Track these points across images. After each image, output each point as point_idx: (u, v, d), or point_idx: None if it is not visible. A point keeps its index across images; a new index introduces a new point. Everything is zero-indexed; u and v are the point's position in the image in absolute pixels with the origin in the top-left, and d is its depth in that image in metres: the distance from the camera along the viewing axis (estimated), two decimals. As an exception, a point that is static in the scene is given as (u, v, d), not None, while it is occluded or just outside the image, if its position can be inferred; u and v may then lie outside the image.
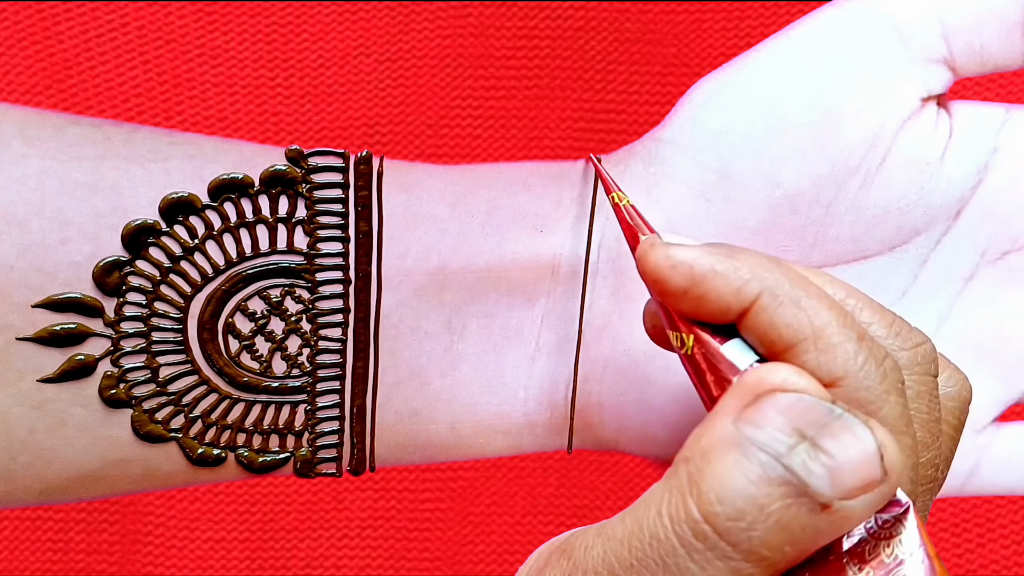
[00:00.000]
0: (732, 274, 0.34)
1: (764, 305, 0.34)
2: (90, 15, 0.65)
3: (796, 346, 0.33)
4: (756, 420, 0.32)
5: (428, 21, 0.66)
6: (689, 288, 0.34)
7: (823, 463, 0.31)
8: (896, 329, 0.35)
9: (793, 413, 0.32)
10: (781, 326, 0.34)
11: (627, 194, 0.39)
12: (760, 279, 0.34)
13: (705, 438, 0.32)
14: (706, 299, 0.34)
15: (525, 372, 0.42)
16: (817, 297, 0.34)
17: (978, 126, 0.42)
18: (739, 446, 0.31)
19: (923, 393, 0.35)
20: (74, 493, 0.40)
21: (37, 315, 0.38)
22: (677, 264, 0.34)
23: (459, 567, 0.70)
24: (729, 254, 0.34)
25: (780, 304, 0.34)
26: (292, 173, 0.40)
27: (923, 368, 0.35)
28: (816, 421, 0.32)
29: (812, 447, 0.31)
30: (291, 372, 0.41)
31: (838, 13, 0.41)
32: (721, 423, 0.32)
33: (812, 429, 0.31)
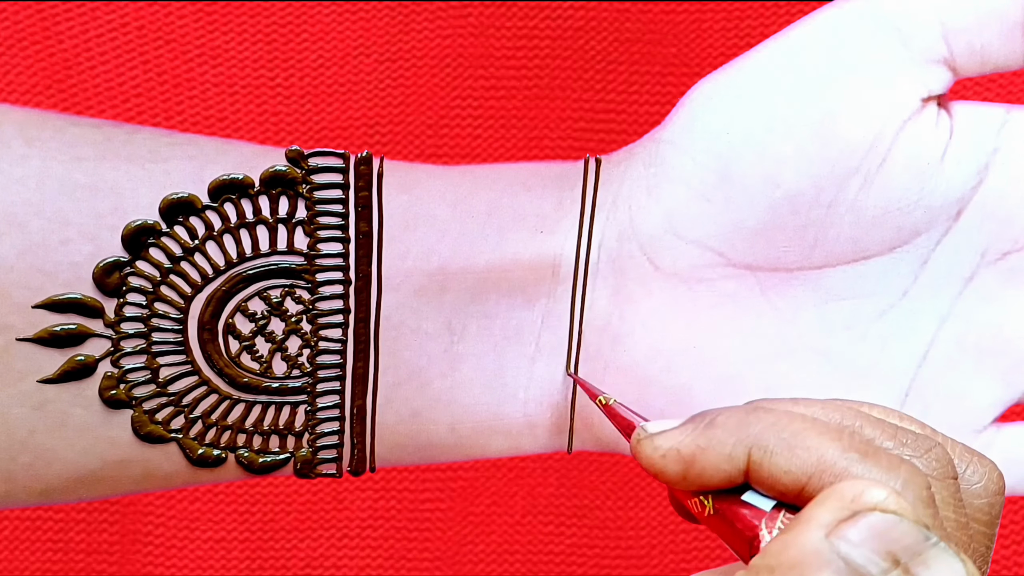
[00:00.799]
0: (718, 445, 0.34)
1: (758, 460, 0.33)
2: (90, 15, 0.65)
3: (804, 488, 0.33)
4: (851, 538, 0.31)
5: (428, 21, 0.66)
6: (685, 472, 0.34)
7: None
8: (901, 439, 0.35)
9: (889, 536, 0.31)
10: (781, 474, 0.33)
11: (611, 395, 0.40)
12: (744, 438, 0.34)
13: (795, 549, 0.31)
14: (704, 475, 0.34)
15: (525, 373, 0.42)
16: (805, 431, 0.33)
17: (978, 126, 0.42)
18: (831, 564, 0.30)
19: (947, 499, 0.34)
20: (74, 493, 0.40)
21: (37, 316, 0.38)
22: (665, 453, 0.34)
23: (459, 567, 0.70)
24: (709, 424, 0.34)
25: (772, 454, 0.33)
26: (292, 174, 0.40)
27: (940, 473, 0.34)
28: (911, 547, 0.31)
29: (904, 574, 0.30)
30: (291, 373, 0.41)
31: (838, 13, 0.41)
32: (812, 534, 0.31)
33: (906, 555, 0.31)
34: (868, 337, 0.42)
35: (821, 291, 0.42)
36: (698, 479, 0.34)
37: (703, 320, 0.42)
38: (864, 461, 0.33)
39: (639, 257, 0.41)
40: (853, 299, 0.42)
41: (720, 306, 0.42)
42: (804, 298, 0.42)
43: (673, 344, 0.42)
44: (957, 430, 0.43)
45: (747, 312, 0.42)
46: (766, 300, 0.42)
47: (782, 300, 0.42)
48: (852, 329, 0.42)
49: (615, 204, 0.41)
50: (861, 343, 0.42)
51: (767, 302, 0.42)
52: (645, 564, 0.70)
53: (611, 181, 0.42)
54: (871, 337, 0.42)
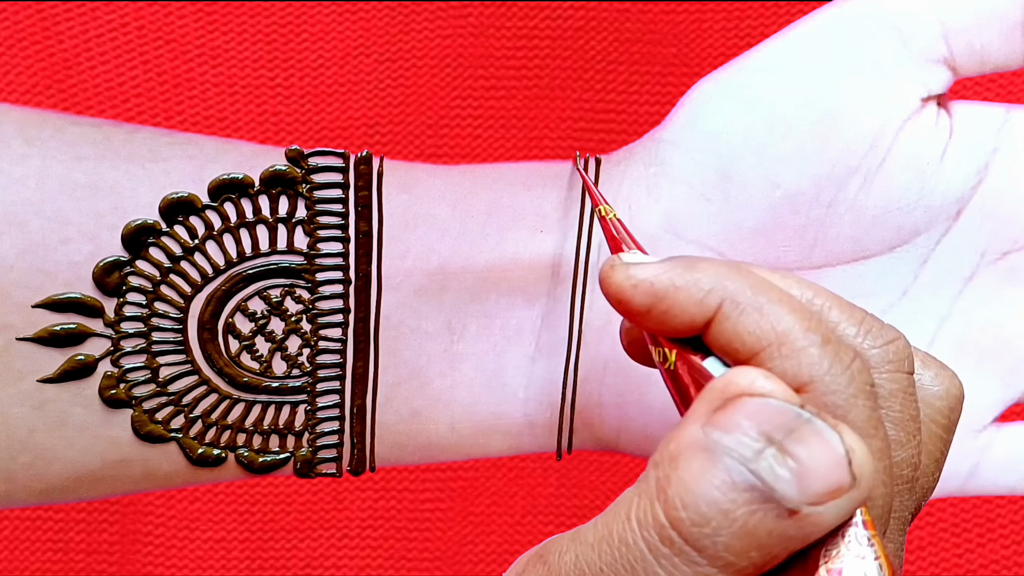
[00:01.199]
0: (693, 287, 0.34)
1: (727, 314, 0.33)
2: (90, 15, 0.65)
3: (760, 353, 0.33)
4: (724, 424, 0.31)
5: (428, 21, 0.66)
6: (652, 305, 0.34)
7: (790, 468, 0.31)
8: (866, 327, 0.35)
9: (761, 417, 0.31)
10: (744, 333, 0.33)
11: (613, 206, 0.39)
12: (721, 288, 0.34)
13: (674, 443, 0.32)
14: (670, 314, 0.34)
15: (525, 372, 0.42)
16: (779, 301, 0.33)
17: (978, 126, 0.42)
18: (706, 451, 0.31)
19: (896, 391, 0.35)
20: (74, 493, 0.40)
21: (37, 315, 0.38)
22: (638, 283, 0.34)
23: (459, 567, 0.70)
24: (689, 266, 0.34)
25: (742, 312, 0.33)
26: (292, 173, 0.40)
27: (895, 365, 0.35)
28: (784, 425, 0.31)
29: (779, 452, 0.31)
30: (291, 372, 0.41)
31: (838, 13, 0.41)
32: (690, 428, 0.32)
33: (780, 433, 0.31)
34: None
35: (821, 291, 0.42)
36: (662, 317, 0.34)
37: (703, 320, 0.42)
38: (822, 345, 0.33)
39: (639, 257, 0.41)
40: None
41: (720, 306, 0.42)
42: (804, 298, 0.42)
43: None
44: (957, 430, 0.43)
45: (747, 312, 0.42)
46: (766, 300, 0.42)
47: (782, 300, 0.42)
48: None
49: (615, 203, 0.41)
50: None
51: (767, 302, 0.42)
52: (645, 564, 0.70)
53: (611, 181, 0.42)
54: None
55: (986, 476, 0.43)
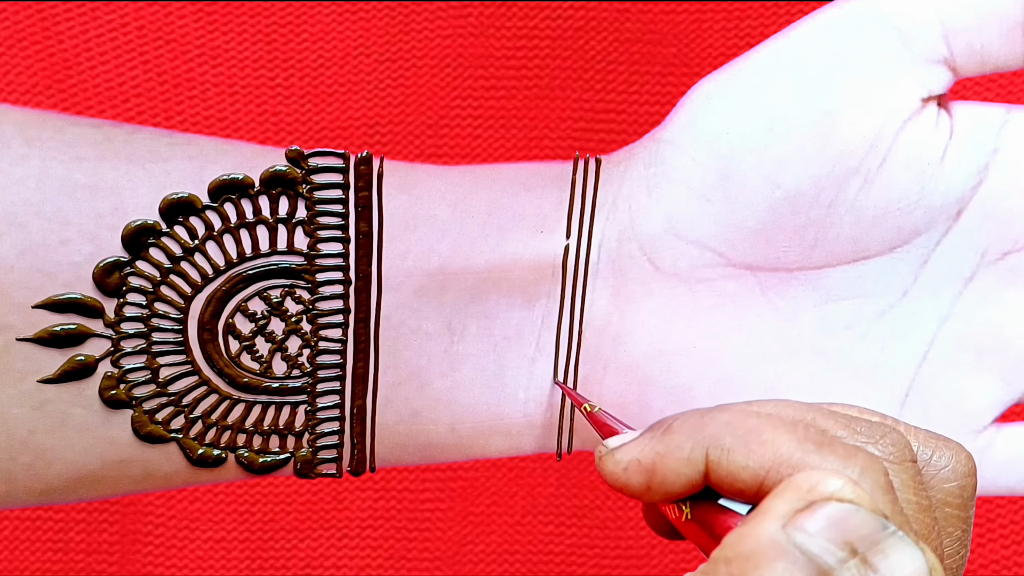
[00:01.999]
0: (676, 450, 0.34)
1: (717, 460, 0.33)
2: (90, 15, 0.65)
3: (763, 483, 0.33)
4: (807, 528, 0.30)
5: (428, 21, 0.66)
6: (648, 480, 0.34)
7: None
8: (855, 428, 0.35)
9: (846, 525, 0.31)
10: (740, 471, 0.33)
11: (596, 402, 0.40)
12: (701, 439, 0.34)
13: (751, 540, 0.31)
14: (667, 482, 0.34)
15: (525, 373, 0.42)
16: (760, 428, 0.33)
17: (978, 126, 0.42)
18: (787, 554, 0.30)
19: (906, 483, 0.34)
20: (74, 493, 0.40)
21: (37, 316, 0.38)
22: (627, 465, 0.35)
23: (459, 567, 0.70)
24: (665, 430, 0.34)
25: (729, 452, 0.33)
26: (292, 173, 0.40)
27: (897, 457, 0.34)
28: (868, 536, 0.30)
29: (862, 564, 0.30)
30: (291, 373, 0.41)
31: (838, 13, 0.41)
32: (769, 525, 0.31)
33: (863, 545, 0.30)
34: (868, 337, 0.42)
35: (821, 291, 0.42)
36: (661, 487, 0.34)
37: (703, 320, 0.42)
38: (820, 451, 0.33)
39: (639, 257, 0.41)
40: (853, 299, 0.42)
41: (720, 306, 0.42)
42: (804, 298, 0.42)
43: (673, 344, 0.42)
44: (957, 430, 0.43)
45: (747, 312, 0.42)
46: (766, 300, 0.42)
47: (782, 300, 0.42)
48: (852, 329, 0.42)
49: (615, 204, 0.41)
50: (861, 343, 0.42)
51: (767, 302, 0.42)
52: (645, 564, 0.70)
53: (611, 181, 0.42)
54: (871, 337, 0.42)
55: (986, 476, 0.43)
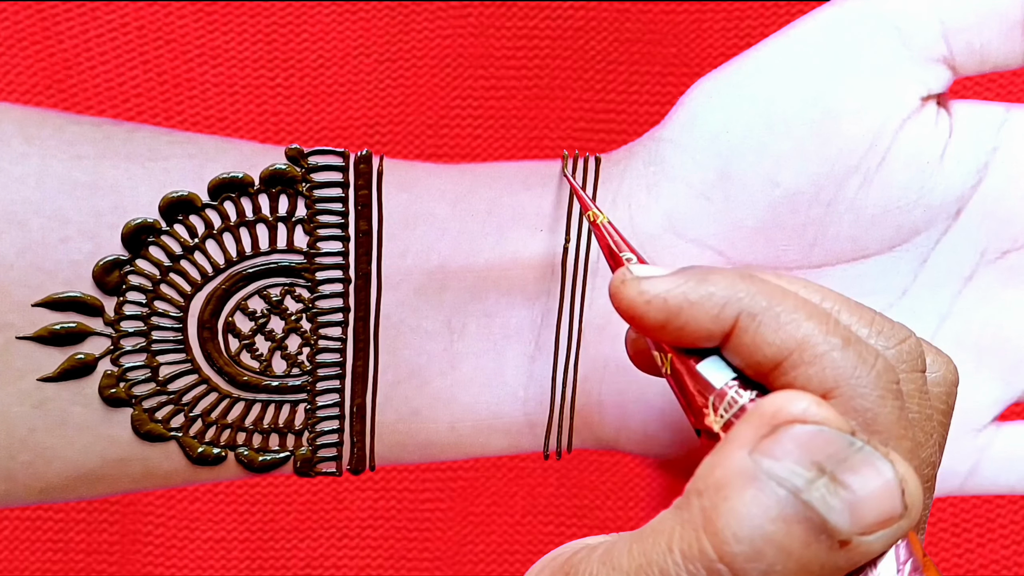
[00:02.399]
0: (707, 301, 0.33)
1: (744, 326, 0.33)
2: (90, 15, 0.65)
3: (783, 362, 0.32)
4: (774, 452, 0.30)
5: (428, 21, 0.66)
6: (667, 321, 0.33)
7: (842, 498, 0.30)
8: (878, 328, 0.34)
9: (812, 446, 0.30)
10: (764, 345, 0.33)
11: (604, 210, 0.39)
12: (736, 301, 0.33)
13: (719, 470, 0.31)
14: (686, 329, 0.33)
15: (525, 371, 0.42)
16: (796, 308, 0.33)
17: (978, 125, 0.42)
18: (756, 480, 0.30)
19: (913, 392, 0.34)
20: (74, 492, 0.40)
21: (37, 314, 0.38)
22: (651, 299, 0.33)
23: (459, 567, 0.70)
24: (702, 279, 0.33)
25: (760, 323, 0.33)
26: (292, 172, 0.40)
27: (910, 365, 0.34)
28: (836, 454, 0.30)
29: (831, 481, 0.30)
30: (291, 371, 0.41)
31: (838, 13, 0.41)
32: (736, 454, 0.31)
33: (831, 463, 0.30)
34: (868, 336, 0.42)
35: (821, 290, 0.42)
36: (678, 332, 0.33)
37: (703, 319, 0.42)
38: (844, 348, 0.32)
39: (639, 256, 0.41)
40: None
41: (720, 305, 0.42)
42: (804, 297, 0.42)
43: None
44: (957, 429, 0.43)
45: (747, 311, 0.42)
46: (766, 299, 0.42)
47: (782, 299, 0.42)
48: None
49: (615, 203, 0.41)
50: None
51: (767, 301, 0.42)
52: (645, 564, 0.70)
53: (611, 180, 0.42)
54: (871, 336, 0.42)
55: (986, 475, 0.43)
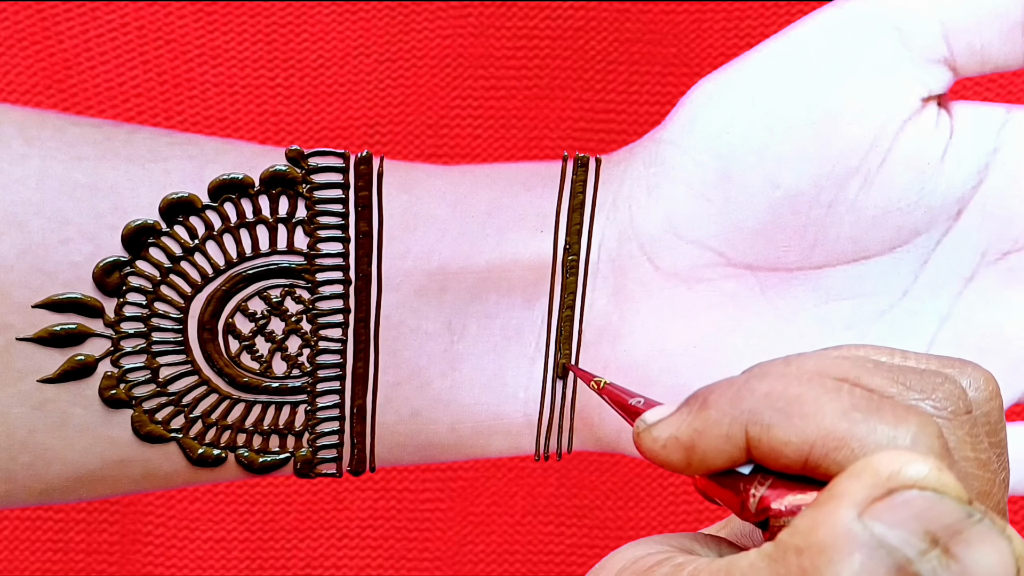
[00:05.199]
0: (714, 428, 0.32)
1: (757, 437, 0.31)
2: (90, 15, 0.65)
3: (808, 457, 0.31)
4: (887, 519, 0.28)
5: (428, 21, 0.66)
6: (688, 458, 0.32)
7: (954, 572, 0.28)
8: (906, 382, 0.32)
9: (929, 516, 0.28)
10: (782, 447, 0.31)
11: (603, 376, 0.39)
12: (739, 415, 0.31)
13: (824, 529, 0.29)
14: (708, 458, 0.32)
15: (525, 372, 0.42)
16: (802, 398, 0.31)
17: (979, 126, 0.42)
18: (865, 547, 0.28)
19: (963, 438, 0.32)
20: (74, 493, 0.40)
21: (37, 315, 0.38)
22: (665, 442, 0.33)
23: (459, 567, 0.70)
24: (702, 406, 0.32)
25: (770, 428, 0.31)
26: (292, 173, 0.40)
27: (953, 411, 0.32)
28: (952, 526, 0.28)
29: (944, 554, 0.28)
30: (291, 372, 0.40)
31: (838, 13, 0.41)
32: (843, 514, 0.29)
33: (946, 534, 0.28)
34: (868, 337, 0.42)
35: (821, 291, 0.42)
36: (702, 464, 0.32)
37: (703, 320, 0.42)
38: (868, 420, 0.30)
39: (639, 257, 0.41)
40: (853, 299, 0.42)
41: (720, 306, 0.42)
42: (804, 298, 0.42)
43: (673, 344, 0.42)
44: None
45: (747, 312, 0.42)
46: (766, 300, 0.42)
47: (782, 300, 0.42)
48: (852, 329, 0.42)
49: (615, 204, 0.41)
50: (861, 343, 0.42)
51: (767, 302, 0.42)
52: (645, 564, 0.70)
53: (611, 181, 0.42)
54: (871, 337, 0.42)
55: (986, 476, 0.43)
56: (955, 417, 0.32)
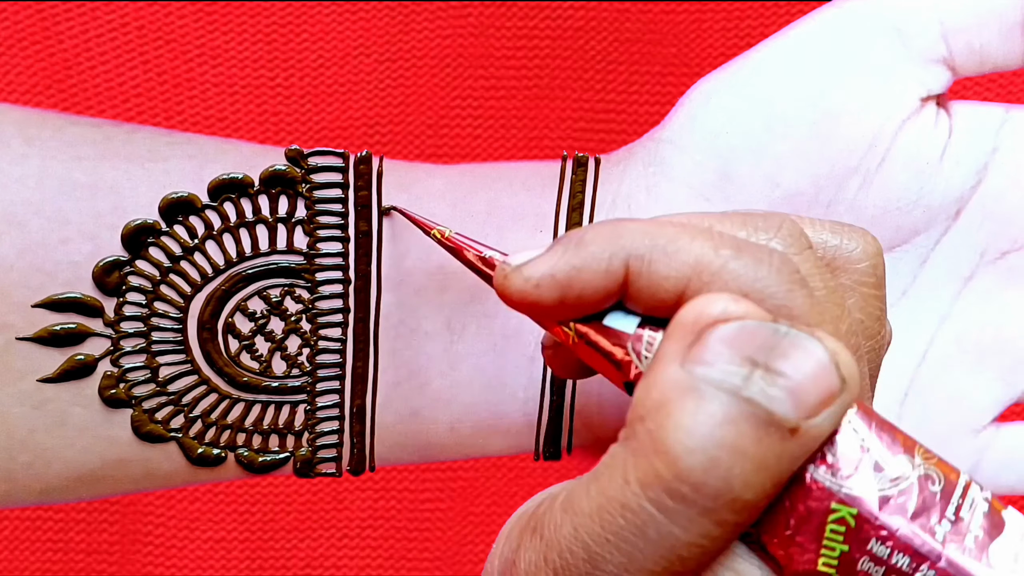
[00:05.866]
0: (593, 261, 0.32)
1: (636, 270, 0.32)
2: (90, 15, 0.65)
3: (684, 291, 0.32)
4: (704, 358, 0.30)
5: (428, 21, 0.66)
6: (562, 297, 0.33)
7: (781, 386, 0.29)
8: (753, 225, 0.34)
9: (740, 342, 0.30)
10: (661, 280, 0.32)
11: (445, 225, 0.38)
12: (620, 249, 0.32)
13: (655, 390, 0.30)
14: (583, 297, 0.33)
15: (525, 372, 0.42)
16: (678, 235, 0.32)
17: (978, 126, 0.42)
18: (694, 390, 0.29)
19: (810, 271, 0.33)
20: (74, 493, 0.40)
21: (37, 315, 0.38)
22: (538, 280, 0.33)
23: (459, 567, 0.70)
24: (578, 243, 0.33)
25: (650, 261, 0.32)
26: (292, 173, 0.40)
27: (796, 248, 0.33)
28: (764, 345, 0.30)
29: (766, 372, 0.29)
30: (291, 372, 0.41)
31: (838, 13, 0.41)
32: (669, 369, 0.30)
33: (762, 354, 0.30)
34: (868, 337, 0.42)
35: (820, 290, 0.42)
36: (576, 302, 0.33)
37: (703, 320, 0.42)
38: (738, 256, 0.32)
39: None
40: None
41: (720, 305, 0.42)
42: (804, 298, 0.42)
43: None
44: (957, 430, 0.43)
45: (747, 311, 0.42)
46: (766, 299, 0.42)
47: (782, 299, 0.42)
48: None
49: (614, 203, 0.41)
50: None
51: (767, 301, 0.42)
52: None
53: (610, 180, 0.42)
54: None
55: (986, 476, 0.43)
56: (800, 251, 0.33)
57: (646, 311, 0.33)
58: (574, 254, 0.33)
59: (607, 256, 0.32)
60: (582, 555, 0.30)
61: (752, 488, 0.29)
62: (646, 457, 0.29)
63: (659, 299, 0.32)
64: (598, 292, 0.33)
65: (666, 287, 0.32)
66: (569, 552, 0.30)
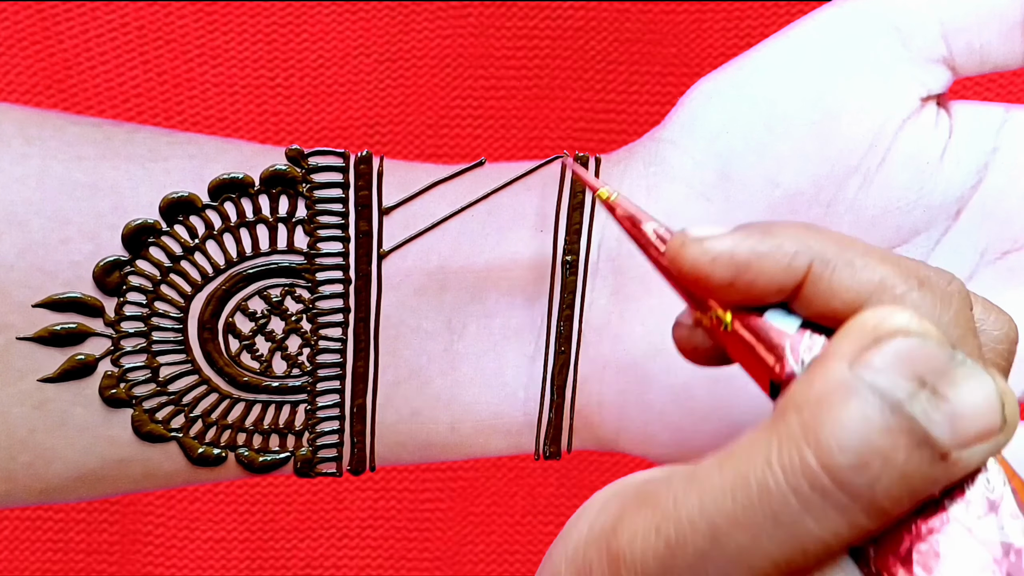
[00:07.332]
0: (777, 251, 0.32)
1: (818, 274, 0.32)
2: (90, 15, 0.65)
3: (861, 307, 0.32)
4: (876, 364, 0.30)
5: (428, 21, 0.66)
6: (735, 278, 0.33)
7: (944, 411, 0.30)
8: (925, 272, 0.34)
9: (914, 359, 0.30)
10: (841, 291, 0.32)
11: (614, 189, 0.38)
12: (807, 249, 0.32)
13: (819, 383, 0.30)
14: (756, 284, 0.32)
15: (525, 372, 0.42)
16: (867, 252, 0.32)
17: (978, 126, 0.42)
18: (858, 392, 0.29)
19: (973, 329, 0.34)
20: (74, 493, 0.40)
21: (37, 315, 0.38)
22: (716, 256, 0.33)
23: (459, 567, 0.70)
24: (767, 231, 0.33)
25: (834, 269, 0.32)
26: (292, 173, 0.40)
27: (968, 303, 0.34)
28: (937, 368, 0.30)
29: (933, 395, 0.30)
30: (291, 372, 0.41)
31: (838, 13, 0.41)
32: (837, 367, 0.30)
33: (933, 376, 0.30)
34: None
35: (821, 290, 0.42)
36: (746, 288, 0.33)
37: (703, 319, 0.42)
38: (922, 289, 0.32)
39: (639, 256, 0.41)
40: None
41: (720, 305, 0.42)
42: (804, 297, 0.42)
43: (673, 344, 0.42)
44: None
45: (747, 311, 0.42)
46: (766, 299, 0.42)
47: (782, 299, 0.42)
48: None
49: (615, 203, 0.41)
50: None
51: (767, 301, 0.42)
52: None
53: (611, 180, 0.42)
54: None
55: (986, 476, 0.43)
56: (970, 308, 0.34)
57: (810, 317, 0.33)
58: (759, 240, 0.33)
59: (793, 251, 0.32)
60: (704, 530, 0.30)
61: (891, 499, 0.29)
62: (796, 444, 0.30)
63: (831, 308, 0.32)
64: (771, 284, 0.33)
65: (844, 298, 0.32)
66: (689, 524, 0.30)
